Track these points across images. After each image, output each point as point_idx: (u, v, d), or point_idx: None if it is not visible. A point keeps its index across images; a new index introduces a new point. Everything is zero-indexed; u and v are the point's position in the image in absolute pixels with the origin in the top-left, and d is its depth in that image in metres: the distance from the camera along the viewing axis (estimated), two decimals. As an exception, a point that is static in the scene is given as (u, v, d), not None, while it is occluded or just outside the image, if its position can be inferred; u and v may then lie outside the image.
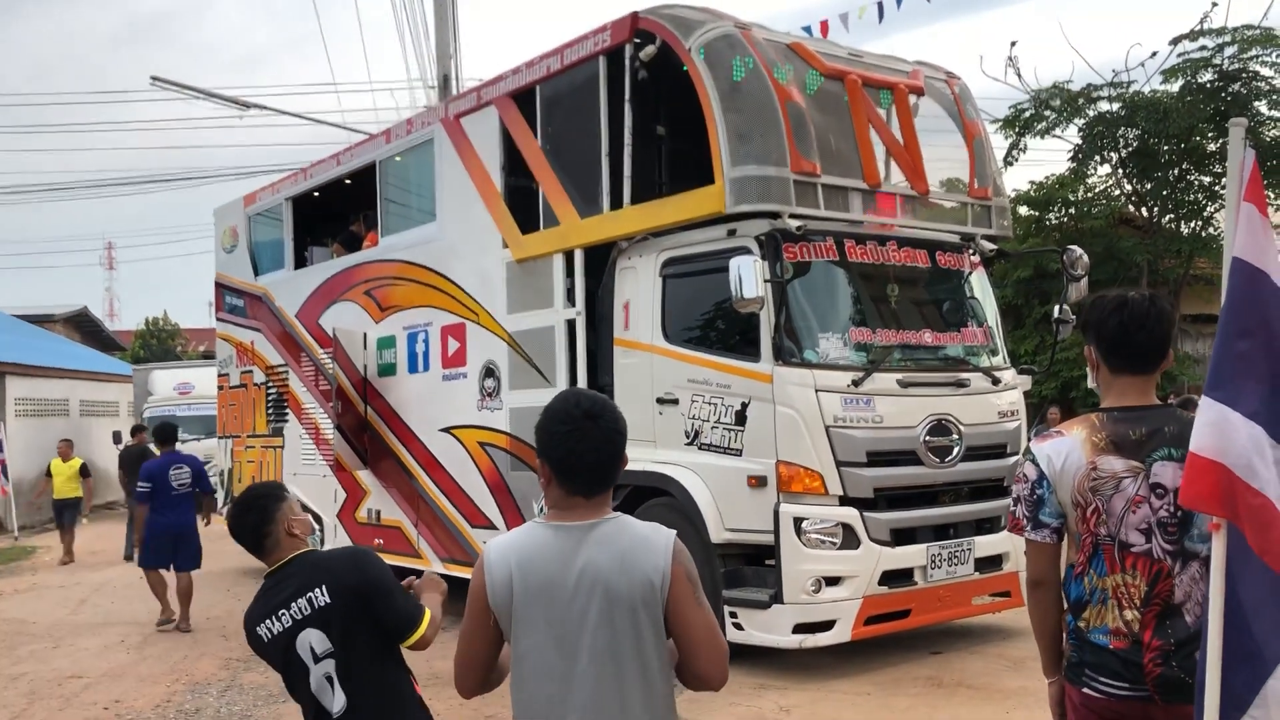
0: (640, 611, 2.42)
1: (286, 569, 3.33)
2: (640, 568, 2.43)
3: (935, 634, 8.37)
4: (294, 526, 3.34)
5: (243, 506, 3.39)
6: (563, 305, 8.57)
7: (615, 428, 2.54)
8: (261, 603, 3.30)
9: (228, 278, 14.12)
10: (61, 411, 23.97)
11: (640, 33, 7.98)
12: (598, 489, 2.53)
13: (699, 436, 7.58)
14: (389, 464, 10.69)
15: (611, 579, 2.42)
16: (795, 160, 7.31)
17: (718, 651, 2.50)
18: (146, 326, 53.25)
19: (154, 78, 18.14)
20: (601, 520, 2.50)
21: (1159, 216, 18.17)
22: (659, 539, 2.48)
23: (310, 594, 3.22)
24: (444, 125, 9.96)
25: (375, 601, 3.24)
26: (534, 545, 2.50)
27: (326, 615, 3.21)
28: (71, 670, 8.55)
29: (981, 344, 8.27)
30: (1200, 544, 2.77)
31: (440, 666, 8.03)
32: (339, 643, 3.22)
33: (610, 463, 2.54)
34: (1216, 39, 16.33)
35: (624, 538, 2.48)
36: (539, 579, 2.46)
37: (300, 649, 3.22)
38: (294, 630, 3.22)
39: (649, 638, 2.44)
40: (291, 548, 3.34)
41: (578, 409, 2.53)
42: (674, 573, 2.43)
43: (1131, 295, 2.94)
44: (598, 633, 2.42)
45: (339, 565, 3.30)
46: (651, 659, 2.45)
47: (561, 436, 2.51)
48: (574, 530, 2.48)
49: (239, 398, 13.89)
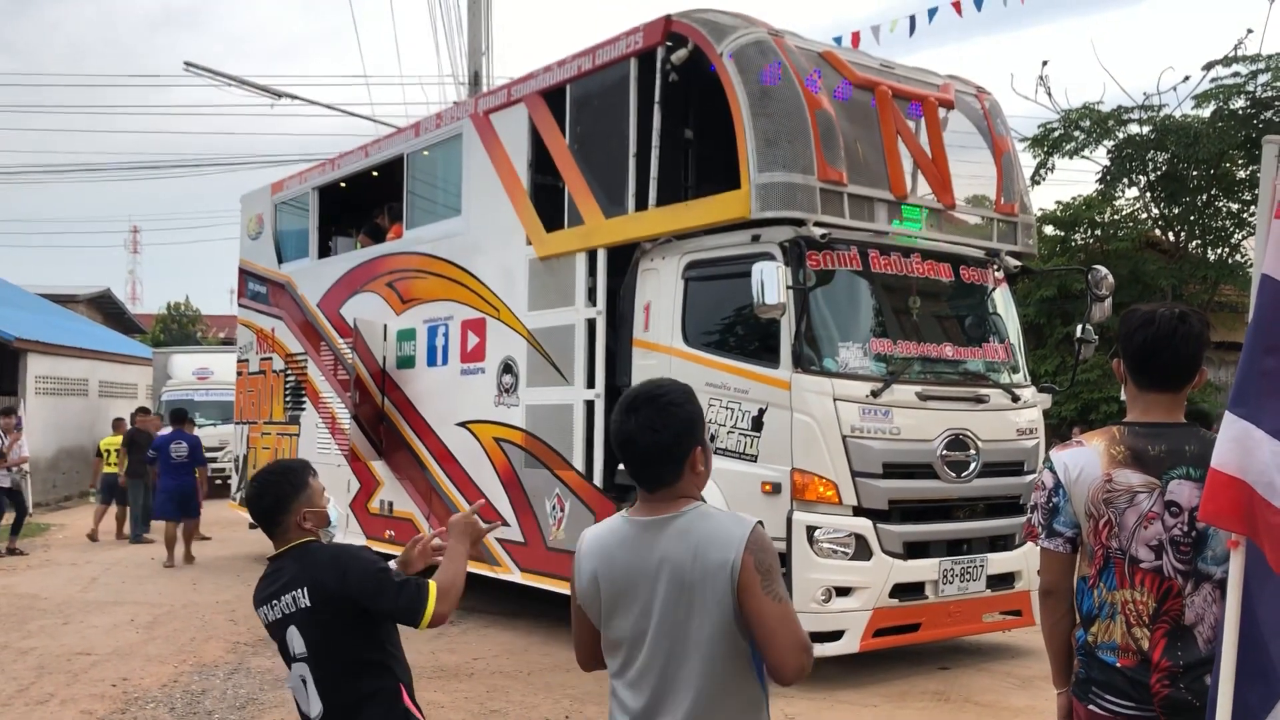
0: (709, 600, 2.42)
1: (284, 558, 3.25)
2: (711, 558, 2.42)
3: (944, 649, 8.34)
4: (306, 518, 3.24)
5: (261, 486, 3.29)
6: (584, 304, 8.57)
7: (652, 425, 2.48)
8: (262, 586, 3.28)
9: (251, 264, 14.20)
10: (81, 391, 24.11)
11: (673, 36, 7.99)
12: (653, 484, 2.52)
13: (714, 441, 7.57)
14: (404, 456, 10.72)
15: (684, 569, 2.44)
16: (822, 168, 7.30)
17: (791, 642, 2.41)
18: (168, 311, 53.57)
19: (187, 63, 18.25)
20: (679, 513, 2.50)
21: (1185, 241, 18.08)
22: (735, 529, 2.45)
23: (294, 592, 3.15)
24: (473, 121, 9.98)
25: (367, 599, 3.12)
26: (615, 540, 2.56)
27: (305, 618, 3.14)
28: (80, 647, 8.60)
29: (1002, 360, 8.24)
30: (1214, 566, 2.73)
31: (446, 660, 8.06)
32: (313, 649, 3.15)
33: (653, 457, 2.50)
34: (1250, 65, 16.26)
35: (702, 528, 2.47)
36: (619, 573, 2.52)
37: (289, 641, 3.20)
38: (284, 623, 3.19)
39: (718, 628, 2.42)
40: (298, 537, 3.25)
41: (624, 401, 2.56)
42: (744, 562, 2.40)
43: (1161, 311, 2.87)
44: (670, 619, 2.45)
45: (321, 570, 3.15)
46: (721, 645, 2.43)
47: (614, 426, 2.56)
48: (652, 524, 2.51)
49: (257, 384, 13.95)
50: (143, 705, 6.96)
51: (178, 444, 13.90)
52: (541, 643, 8.76)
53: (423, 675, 7.54)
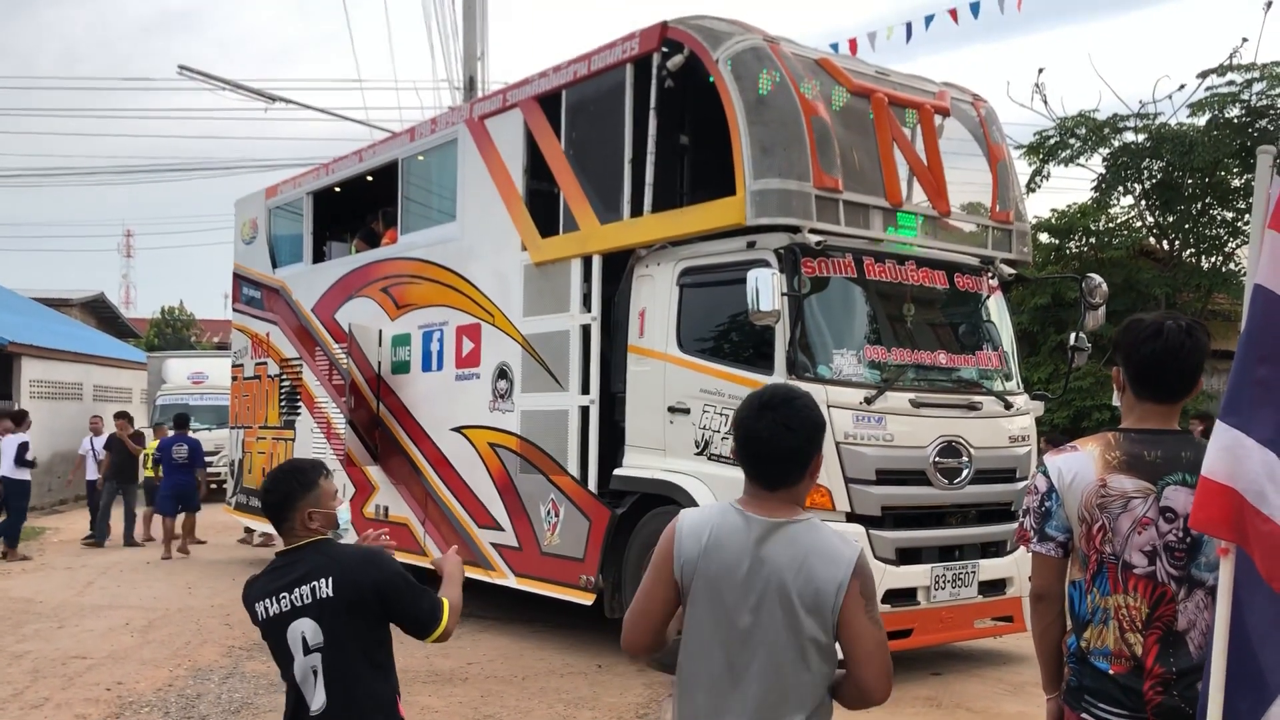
0: (808, 616, 2.50)
1: (299, 552, 3.28)
2: (818, 575, 2.51)
3: (936, 655, 8.35)
4: (313, 518, 3.28)
5: (271, 482, 3.35)
6: (579, 310, 8.59)
7: (787, 424, 2.57)
8: (265, 580, 3.29)
9: (246, 269, 14.19)
10: (75, 395, 24.07)
11: (669, 42, 8.01)
12: (775, 482, 2.60)
13: (709, 447, 7.58)
14: (399, 461, 10.72)
15: (787, 579, 2.51)
16: (818, 175, 7.32)
17: (883, 666, 2.56)
18: (162, 315, 53.51)
19: (181, 67, 18.23)
20: (791, 520, 2.57)
21: (1180, 250, 18.12)
22: (845, 551, 2.55)
23: (315, 583, 3.17)
24: (468, 126, 10.00)
25: (392, 600, 3.20)
26: (726, 528, 2.59)
27: (325, 608, 3.16)
28: (75, 650, 8.59)
29: (996, 368, 8.26)
30: (1207, 572, 2.75)
31: (440, 664, 8.05)
32: (329, 639, 3.17)
33: (783, 456, 2.58)
34: (1245, 74, 16.30)
35: (809, 540, 2.55)
36: (723, 560, 2.56)
37: (291, 636, 3.20)
38: (290, 616, 3.19)
39: (813, 642, 2.52)
40: (306, 536, 3.29)
41: (757, 399, 2.63)
42: (850, 586, 2.51)
43: (1168, 324, 2.85)
44: (766, 625, 2.51)
45: (352, 561, 3.23)
46: (814, 658, 2.53)
47: (739, 426, 2.63)
48: (763, 523, 2.57)
49: (252, 389, 13.94)
50: (137, 709, 6.95)
51: (179, 446, 15.07)
52: (536, 648, 8.76)
53: (417, 680, 7.56)
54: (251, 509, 13.77)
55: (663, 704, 6.88)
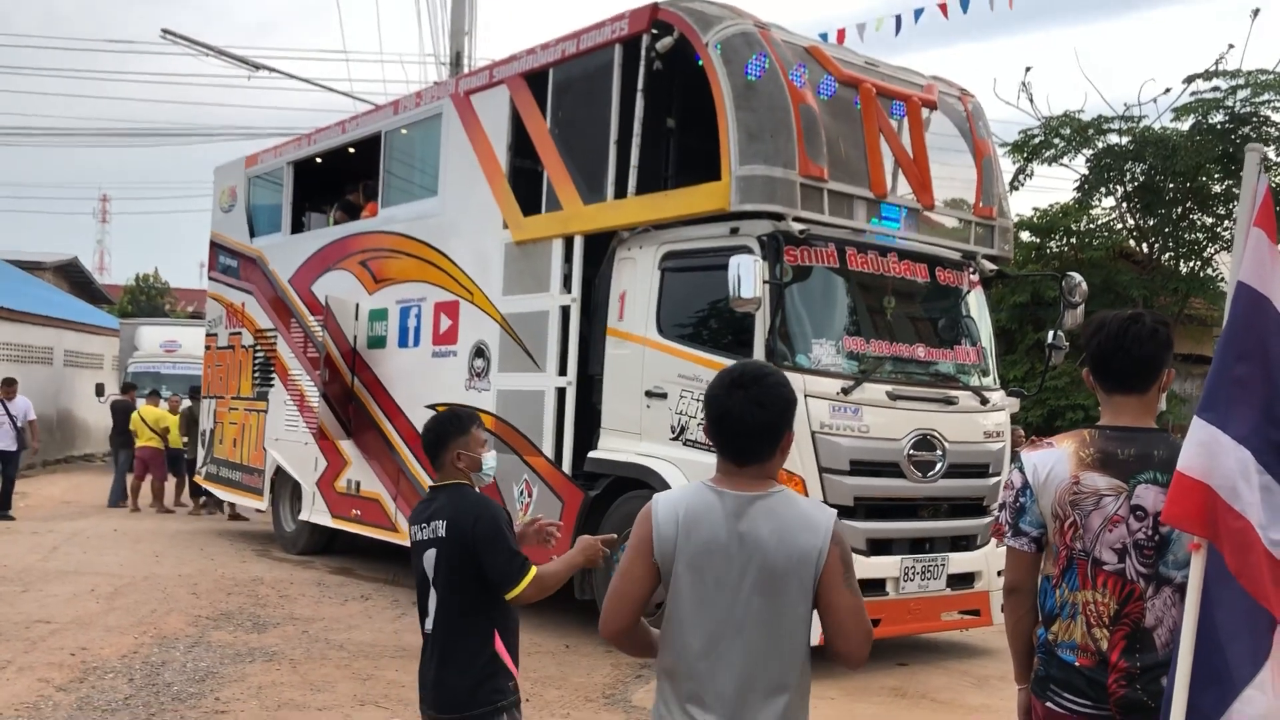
0: (793, 585, 2.54)
1: (441, 490, 3.69)
2: (798, 544, 2.54)
3: (903, 646, 8.39)
4: (460, 459, 3.67)
5: (432, 422, 3.81)
6: (559, 291, 8.55)
7: (759, 401, 2.59)
8: (419, 508, 3.73)
9: (223, 237, 14.07)
10: (45, 360, 23.85)
11: (658, 24, 7.97)
12: (747, 458, 2.61)
13: (685, 432, 7.58)
14: (372, 436, 10.67)
15: (770, 551, 2.53)
16: (804, 163, 7.30)
17: (861, 633, 2.60)
18: (136, 282, 52.96)
19: (165, 30, 18.03)
20: (766, 493, 2.59)
21: (1159, 253, 18.25)
22: (821, 518, 2.59)
23: (436, 523, 3.59)
24: (453, 101, 9.93)
25: (484, 551, 3.52)
26: (701, 505, 2.61)
27: (440, 546, 3.58)
28: (39, 615, 8.51)
29: (973, 363, 8.29)
30: (1175, 570, 2.76)
31: (409, 640, 8.02)
32: (440, 572, 3.58)
33: (755, 432, 2.59)
34: (1230, 81, 16.40)
35: (786, 512, 2.57)
36: (702, 538, 2.57)
37: (426, 563, 3.63)
38: (424, 545, 3.63)
39: (797, 610, 2.55)
40: (454, 475, 3.68)
41: (728, 376, 2.65)
42: (830, 553, 2.54)
43: (1111, 315, 2.93)
44: (751, 599, 2.54)
45: (461, 510, 3.58)
46: (798, 630, 2.57)
47: (710, 402, 2.64)
48: (738, 498, 2.58)
49: (225, 359, 13.84)
50: (101, 675, 6.89)
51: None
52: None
53: (385, 654, 7.54)
54: (222, 479, 13.69)
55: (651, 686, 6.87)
